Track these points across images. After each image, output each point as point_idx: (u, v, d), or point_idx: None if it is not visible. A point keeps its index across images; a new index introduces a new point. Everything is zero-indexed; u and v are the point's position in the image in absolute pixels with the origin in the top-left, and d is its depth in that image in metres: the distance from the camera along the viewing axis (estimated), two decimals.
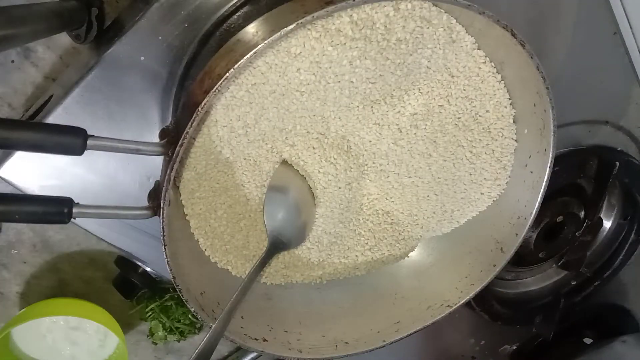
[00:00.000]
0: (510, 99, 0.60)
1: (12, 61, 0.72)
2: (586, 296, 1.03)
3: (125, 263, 0.80)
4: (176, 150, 0.48)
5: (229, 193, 0.61)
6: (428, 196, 0.66)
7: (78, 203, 0.49)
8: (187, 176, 0.57)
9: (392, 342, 0.65)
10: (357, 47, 0.52)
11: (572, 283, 1.02)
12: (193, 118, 0.47)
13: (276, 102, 0.54)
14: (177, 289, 0.54)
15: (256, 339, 0.61)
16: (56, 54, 0.72)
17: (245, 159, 0.59)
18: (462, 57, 0.58)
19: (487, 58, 0.58)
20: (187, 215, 0.59)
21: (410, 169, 0.64)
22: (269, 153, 0.60)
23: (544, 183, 0.61)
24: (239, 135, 0.56)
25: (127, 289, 0.82)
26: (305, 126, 0.59)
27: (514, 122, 0.61)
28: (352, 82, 0.56)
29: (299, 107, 0.56)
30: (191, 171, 0.57)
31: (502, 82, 0.59)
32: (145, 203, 0.53)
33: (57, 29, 0.61)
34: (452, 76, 0.59)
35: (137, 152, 0.50)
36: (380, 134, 0.62)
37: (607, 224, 0.99)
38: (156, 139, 0.53)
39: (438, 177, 0.65)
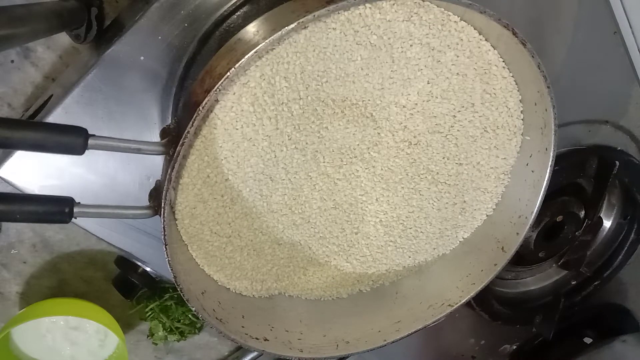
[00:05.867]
0: (522, 111, 0.61)
1: (12, 61, 0.72)
2: (586, 296, 1.03)
3: (125, 263, 0.80)
4: (177, 149, 0.48)
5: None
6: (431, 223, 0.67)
7: (79, 202, 0.49)
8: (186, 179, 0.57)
9: (393, 342, 0.65)
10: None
11: (572, 283, 1.02)
12: (194, 117, 0.47)
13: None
14: (179, 289, 0.54)
15: (257, 338, 0.61)
16: (56, 53, 0.72)
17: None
18: (474, 60, 0.58)
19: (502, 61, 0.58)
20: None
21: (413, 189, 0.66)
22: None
23: (545, 182, 0.61)
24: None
25: (127, 289, 0.82)
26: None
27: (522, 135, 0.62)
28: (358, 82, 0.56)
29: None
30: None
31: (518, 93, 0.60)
32: (146, 203, 0.53)
33: (57, 28, 0.61)
34: (466, 86, 0.60)
35: (138, 151, 0.50)
36: (386, 152, 0.62)
37: (607, 223, 0.99)
38: (156, 139, 0.53)
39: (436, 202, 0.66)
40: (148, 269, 0.79)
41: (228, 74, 0.46)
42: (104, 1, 0.69)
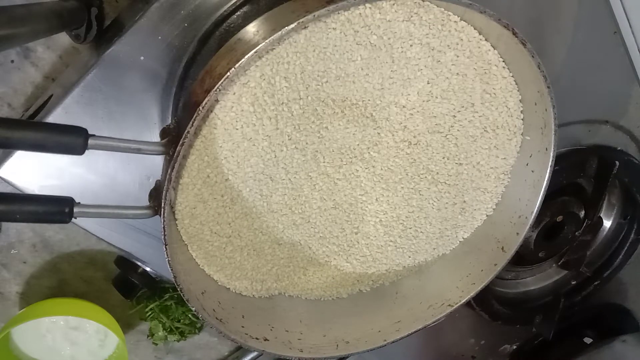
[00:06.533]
0: (522, 111, 0.61)
1: (12, 61, 0.72)
2: (586, 296, 1.03)
3: (125, 263, 0.80)
4: (177, 149, 0.48)
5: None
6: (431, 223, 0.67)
7: (79, 202, 0.49)
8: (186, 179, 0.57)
9: (393, 342, 0.65)
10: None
11: (572, 283, 1.02)
12: (194, 117, 0.47)
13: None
14: (179, 289, 0.54)
15: (257, 338, 0.61)
16: (56, 53, 0.72)
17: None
18: (474, 60, 0.58)
19: (502, 61, 0.58)
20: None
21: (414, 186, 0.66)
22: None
23: (545, 182, 0.61)
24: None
25: (127, 289, 0.82)
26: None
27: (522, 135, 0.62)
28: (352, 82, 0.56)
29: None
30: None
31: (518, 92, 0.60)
32: (146, 202, 0.53)
33: (57, 28, 0.61)
34: (466, 88, 0.60)
35: (138, 151, 0.50)
36: (386, 153, 0.62)
37: (607, 223, 0.99)
38: (156, 139, 0.53)
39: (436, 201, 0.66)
40: (148, 269, 0.79)
41: (228, 74, 0.46)
42: (104, 1, 0.69)
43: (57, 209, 0.48)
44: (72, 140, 0.46)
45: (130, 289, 0.82)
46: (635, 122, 0.88)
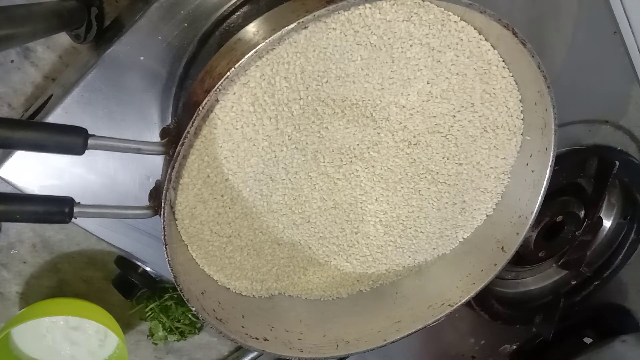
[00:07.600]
0: (522, 111, 0.61)
1: (12, 61, 0.72)
2: (586, 296, 1.03)
3: (125, 263, 0.80)
4: (177, 149, 0.48)
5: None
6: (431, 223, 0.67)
7: (79, 202, 0.48)
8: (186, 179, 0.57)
9: (393, 342, 0.65)
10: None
11: (572, 283, 1.02)
12: (194, 117, 0.47)
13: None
14: (179, 289, 0.54)
15: (257, 339, 0.61)
16: (56, 53, 0.72)
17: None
18: (474, 60, 0.58)
19: (502, 61, 0.58)
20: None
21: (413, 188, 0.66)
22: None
23: (544, 182, 0.61)
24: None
25: (127, 289, 0.82)
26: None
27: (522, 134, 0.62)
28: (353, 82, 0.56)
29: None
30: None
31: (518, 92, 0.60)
32: (146, 202, 0.53)
33: (57, 28, 0.61)
34: (466, 88, 0.60)
35: (138, 151, 0.50)
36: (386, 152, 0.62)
37: (607, 223, 0.99)
38: (156, 139, 0.53)
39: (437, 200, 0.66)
40: (148, 269, 0.79)
41: (228, 74, 0.46)
42: (104, 1, 0.69)
43: (57, 209, 0.48)
44: (72, 140, 0.46)
45: (130, 289, 0.82)
46: (635, 122, 0.88)
